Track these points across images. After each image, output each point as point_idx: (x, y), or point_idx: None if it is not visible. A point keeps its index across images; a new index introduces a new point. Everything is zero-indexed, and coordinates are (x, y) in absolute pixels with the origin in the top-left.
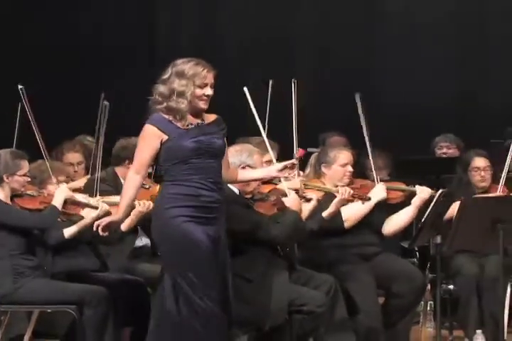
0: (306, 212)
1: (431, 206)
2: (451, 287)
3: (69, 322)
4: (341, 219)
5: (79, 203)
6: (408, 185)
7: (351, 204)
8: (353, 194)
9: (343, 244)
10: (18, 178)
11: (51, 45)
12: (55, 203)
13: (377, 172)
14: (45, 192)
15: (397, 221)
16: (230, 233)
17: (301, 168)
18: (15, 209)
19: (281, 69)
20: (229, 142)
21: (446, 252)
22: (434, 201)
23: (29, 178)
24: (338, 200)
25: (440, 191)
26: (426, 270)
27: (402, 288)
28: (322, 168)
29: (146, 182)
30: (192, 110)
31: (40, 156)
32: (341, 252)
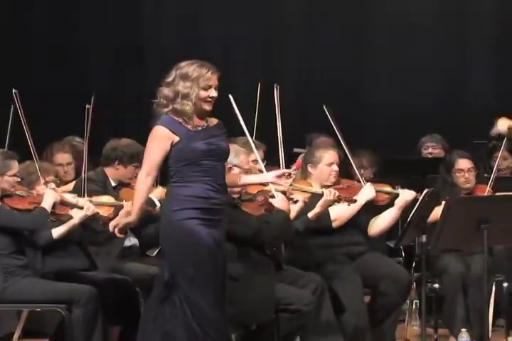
0: (292, 214)
1: (416, 206)
2: (437, 286)
3: (58, 321)
4: (329, 218)
5: (68, 204)
6: (393, 185)
7: (340, 204)
8: (338, 195)
9: (330, 243)
10: (8, 178)
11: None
12: (45, 205)
13: (363, 171)
14: (35, 192)
15: (381, 222)
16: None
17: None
18: (5, 210)
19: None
20: None
21: (431, 251)
22: (419, 201)
23: (19, 179)
24: (324, 201)
25: (426, 191)
26: (411, 269)
27: (388, 287)
28: (308, 167)
29: (134, 183)
30: (197, 112)
31: (30, 157)
32: (328, 252)
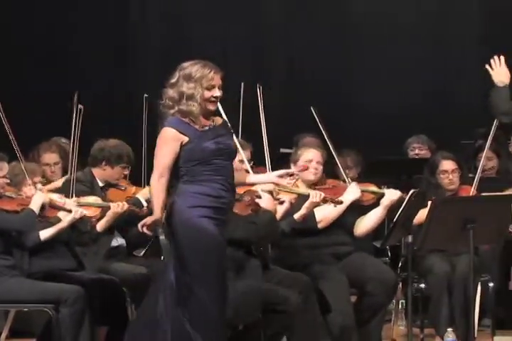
0: (279, 214)
1: (403, 206)
2: (423, 286)
3: (45, 321)
4: (315, 220)
5: (56, 206)
6: (379, 185)
7: (326, 205)
8: (324, 197)
9: (317, 243)
10: None
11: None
12: (33, 207)
13: (348, 171)
14: (24, 194)
15: (367, 222)
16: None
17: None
18: None
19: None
20: None
21: (418, 251)
22: (405, 201)
23: (8, 180)
24: (310, 203)
25: (412, 191)
26: (398, 269)
27: (374, 287)
28: (291, 166)
29: (122, 183)
30: (203, 112)
31: (17, 158)
32: (315, 252)
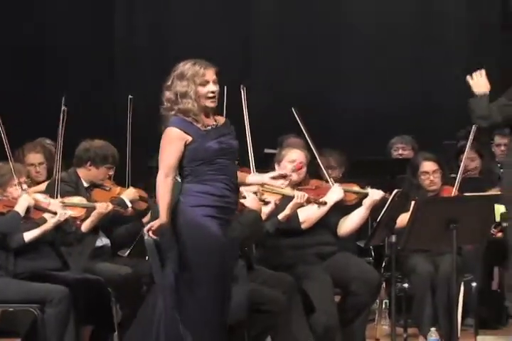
0: (264, 215)
1: (386, 206)
2: (406, 285)
3: (31, 321)
4: (298, 220)
5: (41, 208)
6: (362, 185)
7: (309, 206)
8: (308, 198)
9: (301, 244)
10: None
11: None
12: (18, 209)
13: (331, 171)
14: (10, 195)
15: (350, 222)
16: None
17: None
18: None
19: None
20: None
21: (401, 251)
22: (389, 201)
23: None
24: (294, 204)
25: (395, 191)
26: (381, 269)
27: (357, 287)
28: (275, 166)
29: (106, 183)
30: (203, 110)
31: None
32: (299, 252)
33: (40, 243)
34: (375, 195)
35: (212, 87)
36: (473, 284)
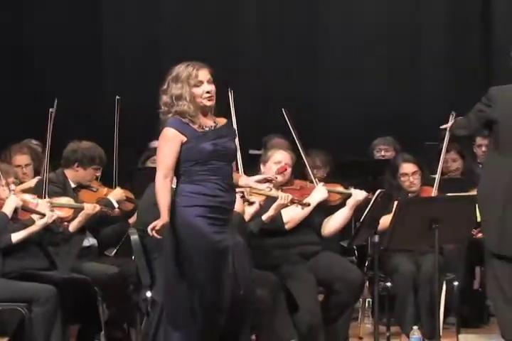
0: (248, 215)
1: (369, 206)
2: (389, 284)
3: (18, 320)
4: (282, 221)
5: (29, 210)
6: (345, 186)
7: (293, 206)
8: (292, 199)
9: (285, 243)
10: None
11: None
12: (6, 210)
13: (316, 171)
14: None
15: (334, 222)
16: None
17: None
18: None
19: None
20: None
21: (384, 251)
22: (372, 201)
23: None
24: (278, 205)
25: (378, 191)
26: (364, 268)
27: (341, 286)
28: (261, 166)
29: (93, 184)
30: (201, 111)
31: None
32: (283, 252)
33: (29, 243)
34: (358, 195)
35: (207, 87)
36: (455, 283)
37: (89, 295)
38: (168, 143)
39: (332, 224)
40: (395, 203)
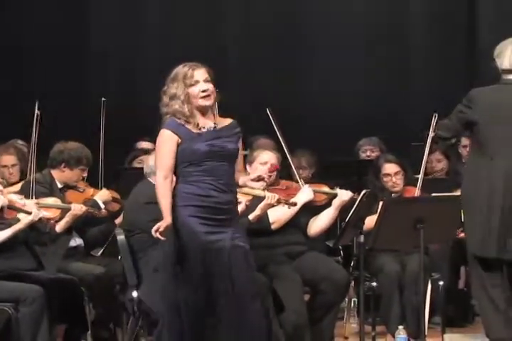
0: None
1: (354, 206)
2: (374, 284)
3: (5, 320)
4: (268, 221)
5: (15, 208)
6: (331, 186)
7: (279, 206)
8: (278, 199)
9: (271, 243)
10: None
11: None
12: None
13: (301, 172)
14: None
15: (320, 222)
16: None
17: None
18: None
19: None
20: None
21: (369, 251)
22: (357, 201)
23: None
24: (264, 205)
25: (364, 192)
26: (350, 268)
27: (326, 286)
28: (247, 167)
29: (80, 185)
30: (200, 110)
31: None
32: (269, 252)
33: (16, 243)
34: (343, 195)
35: (202, 86)
36: (441, 283)
37: (75, 295)
38: (165, 144)
39: (318, 224)
40: (380, 203)
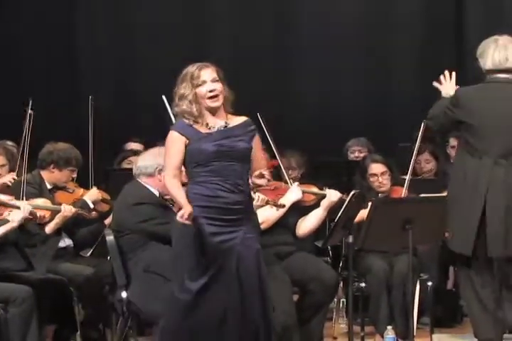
0: None
1: (343, 207)
2: (363, 285)
3: None
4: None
5: (4, 203)
6: (319, 186)
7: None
8: (267, 200)
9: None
10: None
11: None
12: None
13: (291, 172)
14: None
15: (308, 223)
16: (149, 233)
17: None
18: None
19: None
20: (152, 145)
21: (358, 251)
22: (346, 202)
23: None
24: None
25: (353, 192)
26: (338, 268)
27: (315, 286)
28: None
29: (69, 186)
30: (209, 111)
31: None
32: None
33: (6, 244)
34: (332, 196)
35: (210, 86)
36: (429, 283)
37: (65, 295)
38: (173, 145)
39: (306, 224)
40: (369, 204)
